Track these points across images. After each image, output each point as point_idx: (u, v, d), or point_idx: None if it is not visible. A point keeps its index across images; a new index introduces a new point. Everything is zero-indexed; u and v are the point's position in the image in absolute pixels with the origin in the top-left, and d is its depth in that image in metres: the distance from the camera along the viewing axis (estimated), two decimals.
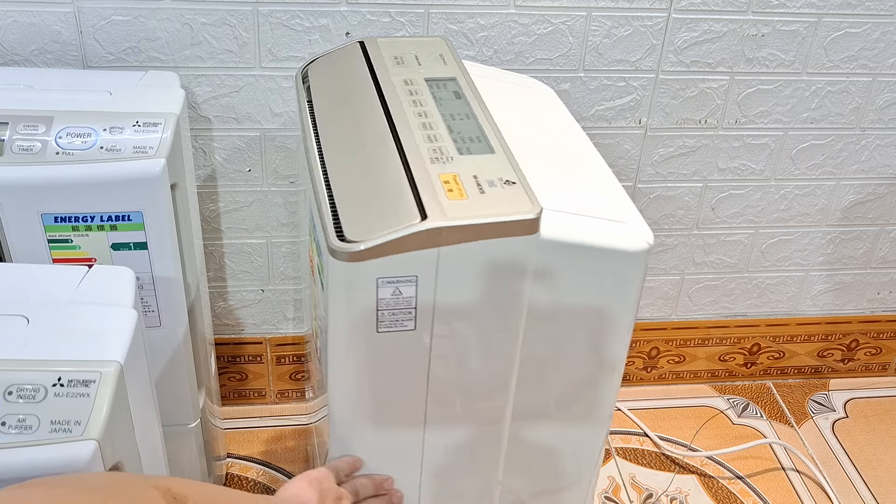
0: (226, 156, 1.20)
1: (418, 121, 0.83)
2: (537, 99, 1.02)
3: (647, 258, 0.79)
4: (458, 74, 0.93)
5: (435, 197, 0.72)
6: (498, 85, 1.02)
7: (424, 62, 0.95)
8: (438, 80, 0.91)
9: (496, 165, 0.77)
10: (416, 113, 0.84)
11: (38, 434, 0.61)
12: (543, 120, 0.97)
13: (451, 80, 0.92)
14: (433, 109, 0.85)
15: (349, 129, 0.85)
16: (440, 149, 0.79)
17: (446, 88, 0.90)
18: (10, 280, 0.79)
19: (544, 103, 1.02)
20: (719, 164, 1.32)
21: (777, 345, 1.53)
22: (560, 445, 0.90)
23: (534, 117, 0.97)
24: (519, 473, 0.90)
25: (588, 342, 0.83)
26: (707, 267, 1.42)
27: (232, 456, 1.35)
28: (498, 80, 1.03)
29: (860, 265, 1.47)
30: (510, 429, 0.87)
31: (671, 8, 1.17)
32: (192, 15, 1.09)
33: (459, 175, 0.75)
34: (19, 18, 1.06)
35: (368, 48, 0.97)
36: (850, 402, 1.54)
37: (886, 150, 1.35)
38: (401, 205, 0.72)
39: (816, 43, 1.23)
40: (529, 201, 0.73)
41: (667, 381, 1.54)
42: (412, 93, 0.88)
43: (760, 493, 1.34)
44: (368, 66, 0.94)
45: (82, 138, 0.90)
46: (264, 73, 1.14)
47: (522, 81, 1.06)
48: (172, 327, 0.99)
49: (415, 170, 0.75)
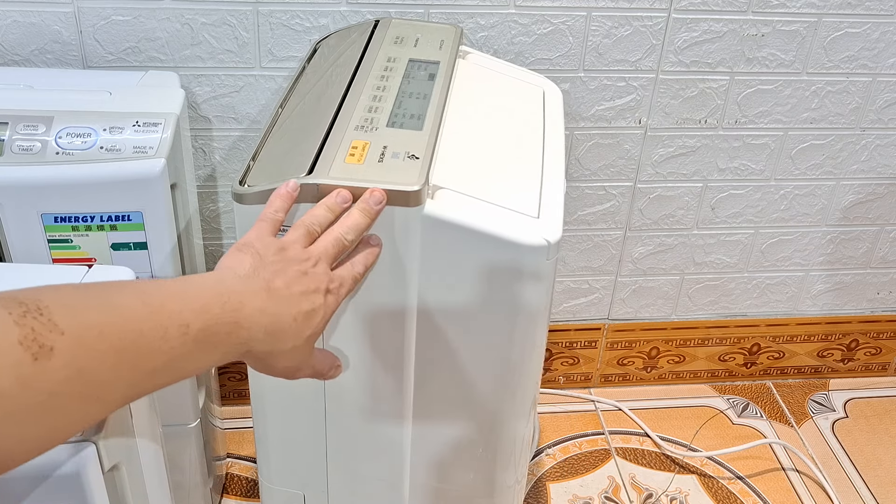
0: (226, 156, 1.20)
1: (371, 93, 0.85)
2: (528, 96, 1.01)
3: (545, 255, 0.76)
4: (444, 60, 0.93)
5: (332, 158, 0.74)
6: (492, 77, 1.01)
7: (421, 45, 0.96)
8: (421, 62, 0.92)
9: (413, 141, 0.78)
10: (374, 86, 0.86)
11: None
12: (518, 117, 0.96)
13: (433, 63, 0.92)
14: (394, 85, 0.87)
15: (311, 97, 0.88)
16: (373, 119, 0.81)
17: (424, 70, 0.91)
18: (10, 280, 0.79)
19: (534, 102, 1.00)
20: (719, 164, 1.32)
21: (777, 345, 1.53)
22: (466, 445, 0.89)
23: (509, 113, 0.96)
24: (427, 466, 0.90)
25: (484, 338, 0.81)
26: (707, 267, 1.42)
27: (232, 456, 1.35)
28: (498, 72, 1.03)
29: (860, 265, 1.47)
30: (413, 425, 0.86)
31: (671, 8, 1.17)
32: (192, 15, 1.09)
33: (371, 143, 0.77)
34: (19, 18, 1.06)
35: (378, 27, 1.00)
36: (850, 402, 1.54)
37: (886, 150, 1.35)
38: (300, 161, 0.74)
39: (816, 43, 1.23)
40: (418, 175, 0.73)
41: (667, 381, 1.54)
42: (387, 69, 0.90)
43: (760, 493, 1.34)
44: (367, 42, 0.96)
45: (82, 138, 0.90)
46: (264, 73, 1.14)
47: (527, 78, 1.05)
48: None
49: (334, 134, 0.78)
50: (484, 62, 1.03)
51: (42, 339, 0.44)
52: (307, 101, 0.88)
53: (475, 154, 0.84)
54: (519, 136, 0.91)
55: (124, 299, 0.51)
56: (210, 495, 1.19)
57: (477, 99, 0.94)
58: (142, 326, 0.50)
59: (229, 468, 1.33)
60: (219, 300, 0.56)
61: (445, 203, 0.74)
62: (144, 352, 0.50)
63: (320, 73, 0.95)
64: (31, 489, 0.61)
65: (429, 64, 0.92)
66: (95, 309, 0.49)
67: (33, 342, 0.44)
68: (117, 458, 0.66)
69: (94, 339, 0.47)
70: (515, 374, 0.84)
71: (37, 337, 0.44)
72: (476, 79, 0.98)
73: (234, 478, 1.32)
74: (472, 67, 1.00)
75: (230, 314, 0.56)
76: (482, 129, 0.89)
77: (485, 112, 0.93)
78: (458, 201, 0.76)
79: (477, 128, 0.89)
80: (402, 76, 0.89)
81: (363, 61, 0.92)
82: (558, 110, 0.99)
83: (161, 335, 0.51)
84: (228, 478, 1.32)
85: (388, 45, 0.95)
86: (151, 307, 0.51)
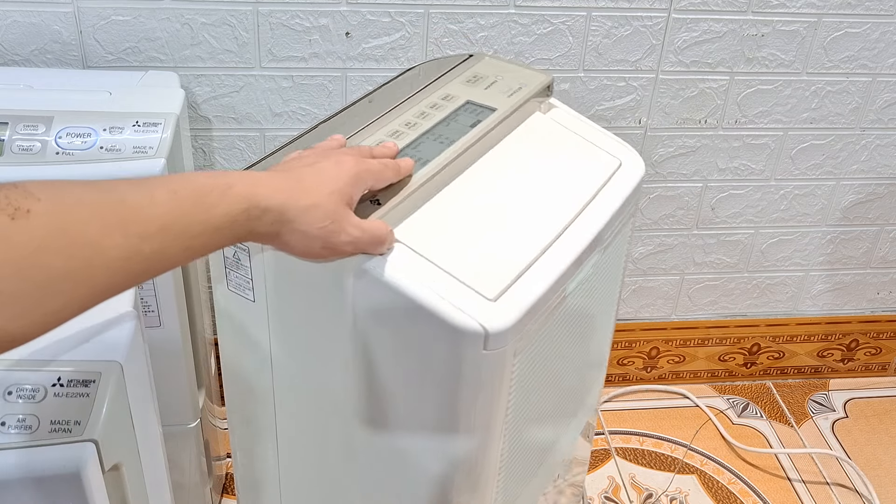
0: (226, 156, 1.20)
1: (396, 128, 0.81)
2: (594, 166, 0.86)
3: (479, 344, 0.65)
4: (504, 108, 0.85)
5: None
6: (562, 137, 0.89)
7: (493, 88, 0.89)
8: (477, 106, 0.86)
9: (391, 186, 0.72)
10: (406, 121, 0.82)
11: (37, 434, 0.61)
12: (563, 187, 0.83)
13: (488, 109, 0.85)
14: (429, 124, 0.82)
15: (353, 121, 0.84)
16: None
17: (473, 115, 0.84)
18: None
19: (597, 173, 0.85)
20: (719, 164, 1.32)
21: (777, 345, 1.53)
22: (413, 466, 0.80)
23: (553, 180, 0.83)
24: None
25: (418, 406, 0.73)
26: (707, 267, 1.42)
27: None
28: (574, 133, 0.89)
29: (860, 265, 1.47)
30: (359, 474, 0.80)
31: (671, 8, 1.17)
32: (192, 15, 1.09)
33: None
34: (19, 18, 1.06)
35: (467, 61, 0.94)
36: (850, 402, 1.54)
37: (886, 150, 1.35)
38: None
39: (816, 43, 1.23)
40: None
41: (667, 381, 1.54)
42: (435, 105, 0.85)
43: (760, 493, 1.34)
44: (443, 74, 0.91)
45: (82, 138, 0.90)
46: (264, 73, 1.14)
47: (609, 146, 0.89)
48: (172, 327, 0.99)
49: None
50: (564, 119, 0.90)
51: (18, 203, 0.45)
52: (344, 127, 0.82)
53: (471, 216, 0.75)
54: (545, 208, 0.79)
55: (107, 181, 0.51)
56: (210, 495, 1.19)
57: (522, 157, 0.83)
58: (124, 195, 0.50)
59: (229, 468, 1.33)
60: (208, 173, 0.56)
61: (388, 258, 0.67)
62: (132, 216, 0.49)
63: (376, 101, 0.89)
64: (31, 489, 0.61)
65: (483, 109, 0.84)
66: (73, 184, 0.49)
67: (8, 205, 0.44)
68: (117, 458, 0.66)
69: (73, 204, 0.47)
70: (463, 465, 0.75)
71: (11, 202, 0.45)
72: (540, 135, 0.87)
73: (234, 478, 1.32)
74: (546, 123, 0.89)
75: (222, 177, 0.55)
76: (503, 191, 0.79)
77: (520, 173, 0.82)
78: (405, 260, 0.67)
79: (497, 189, 0.79)
80: (446, 116, 0.82)
81: (419, 93, 0.86)
82: (626, 187, 0.85)
83: (148, 201, 0.50)
84: (228, 478, 1.31)
85: (458, 83, 0.89)
86: (134, 182, 0.51)
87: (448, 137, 0.80)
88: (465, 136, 0.80)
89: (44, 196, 0.46)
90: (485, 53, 0.96)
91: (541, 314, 0.72)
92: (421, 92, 0.87)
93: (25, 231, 0.45)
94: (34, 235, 0.45)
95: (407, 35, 1.14)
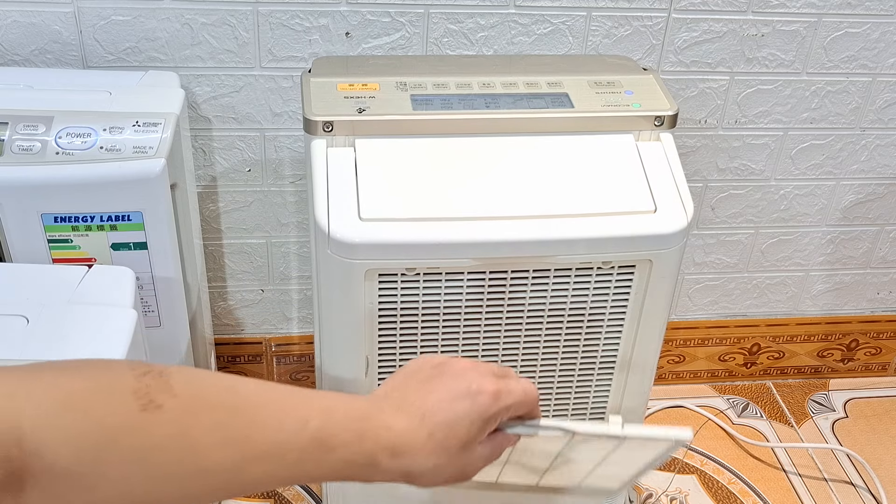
0: (226, 156, 1.20)
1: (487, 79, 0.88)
2: (610, 185, 0.87)
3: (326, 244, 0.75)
4: (585, 111, 0.90)
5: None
6: (616, 155, 0.89)
7: (602, 98, 0.92)
8: (561, 97, 0.90)
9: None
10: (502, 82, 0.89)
11: None
12: (556, 185, 0.85)
13: (569, 106, 0.89)
14: (507, 92, 0.89)
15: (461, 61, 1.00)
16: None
17: (548, 101, 0.89)
18: (10, 280, 0.79)
19: (604, 193, 0.86)
20: (719, 164, 1.32)
21: (777, 345, 1.53)
22: None
23: (557, 177, 0.86)
24: None
25: None
26: (707, 267, 1.42)
27: None
28: (636, 159, 0.91)
29: (860, 265, 1.47)
30: None
31: (671, 8, 1.17)
32: (192, 15, 1.09)
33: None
34: (19, 18, 1.06)
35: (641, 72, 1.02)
36: (850, 402, 1.54)
37: (886, 150, 1.35)
38: None
39: (816, 43, 1.23)
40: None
41: (667, 381, 1.54)
42: (531, 84, 0.91)
43: (760, 493, 1.34)
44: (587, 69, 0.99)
45: (82, 138, 0.90)
46: (264, 73, 1.14)
47: (659, 185, 0.88)
48: (172, 327, 0.99)
49: None
50: (647, 150, 0.91)
51: (154, 395, 0.46)
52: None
53: (445, 163, 0.79)
54: (521, 194, 0.82)
55: (247, 387, 0.51)
56: None
57: (559, 153, 0.84)
58: (256, 413, 0.49)
59: None
60: (344, 405, 0.53)
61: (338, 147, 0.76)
62: (255, 437, 0.49)
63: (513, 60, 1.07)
64: None
65: (564, 102, 0.89)
66: (215, 387, 0.49)
67: (145, 395, 0.45)
68: None
69: (204, 410, 0.47)
70: None
71: (149, 392, 0.46)
72: (602, 149, 0.88)
73: None
74: (624, 144, 0.90)
75: (355, 422, 0.52)
76: (500, 164, 0.82)
77: (537, 162, 0.85)
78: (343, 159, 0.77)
79: (496, 160, 0.82)
80: (530, 94, 0.88)
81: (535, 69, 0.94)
82: (634, 228, 0.86)
83: (276, 426, 0.49)
84: None
85: (584, 80, 0.94)
86: (271, 398, 0.51)
87: (499, 105, 0.85)
88: (515, 110, 0.85)
89: (181, 391, 0.47)
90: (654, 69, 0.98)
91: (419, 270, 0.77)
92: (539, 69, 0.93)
93: (149, 426, 0.45)
94: (156, 433, 0.45)
95: (407, 35, 1.14)
